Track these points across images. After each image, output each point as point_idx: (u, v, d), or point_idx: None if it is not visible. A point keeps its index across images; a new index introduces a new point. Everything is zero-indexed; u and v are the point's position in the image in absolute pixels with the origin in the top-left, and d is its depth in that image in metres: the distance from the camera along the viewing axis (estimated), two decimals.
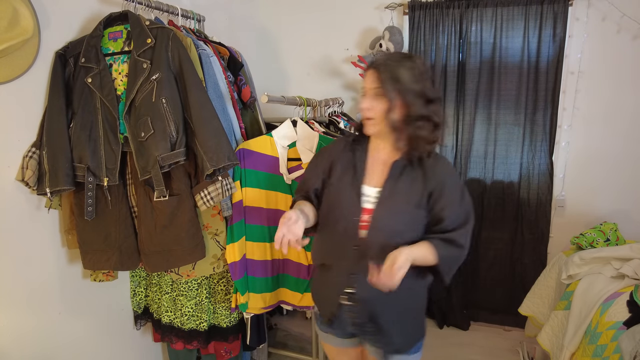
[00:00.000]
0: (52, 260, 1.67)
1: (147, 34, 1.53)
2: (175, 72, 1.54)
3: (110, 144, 1.57)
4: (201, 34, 1.96)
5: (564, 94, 2.40)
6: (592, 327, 1.77)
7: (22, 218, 1.55)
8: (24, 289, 1.56)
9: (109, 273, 1.80)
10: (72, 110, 1.58)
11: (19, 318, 1.56)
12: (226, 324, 1.92)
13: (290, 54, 2.89)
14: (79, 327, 1.79)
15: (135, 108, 1.52)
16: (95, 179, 1.58)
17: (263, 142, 1.76)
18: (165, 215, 1.59)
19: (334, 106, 2.21)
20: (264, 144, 1.75)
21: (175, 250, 1.63)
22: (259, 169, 1.76)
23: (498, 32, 2.40)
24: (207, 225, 1.72)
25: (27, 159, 1.52)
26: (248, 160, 1.74)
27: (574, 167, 2.49)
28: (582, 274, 2.03)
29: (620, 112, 2.36)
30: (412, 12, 2.51)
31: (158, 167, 1.50)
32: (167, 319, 1.92)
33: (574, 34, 2.34)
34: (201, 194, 1.59)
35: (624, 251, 2.02)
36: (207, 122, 1.51)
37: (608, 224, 2.29)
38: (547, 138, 2.44)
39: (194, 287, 1.87)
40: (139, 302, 2.03)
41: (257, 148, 1.75)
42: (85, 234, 1.66)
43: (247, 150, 1.73)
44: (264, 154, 1.75)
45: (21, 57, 1.47)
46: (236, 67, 1.89)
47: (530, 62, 2.39)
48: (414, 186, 1.25)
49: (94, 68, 1.55)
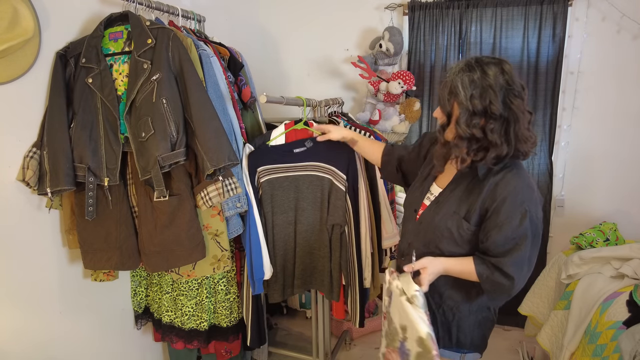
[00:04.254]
0: (52, 260, 1.67)
1: (147, 34, 1.53)
2: (176, 72, 1.54)
3: (110, 144, 1.58)
4: (201, 35, 1.96)
5: (564, 94, 2.41)
6: (592, 326, 1.77)
7: (22, 218, 1.55)
8: (24, 288, 1.57)
9: (109, 273, 1.81)
10: (73, 110, 1.58)
11: (20, 318, 1.56)
12: (226, 323, 1.92)
13: (290, 54, 2.89)
14: (80, 326, 1.79)
15: (136, 108, 1.53)
16: (95, 179, 1.58)
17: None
18: (165, 215, 1.60)
19: (334, 106, 2.21)
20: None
21: (176, 250, 1.63)
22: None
23: (498, 32, 2.40)
24: (207, 226, 1.72)
25: (27, 159, 1.53)
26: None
27: (574, 167, 2.49)
28: (581, 273, 2.03)
29: (620, 112, 2.36)
30: (412, 12, 2.51)
31: (158, 167, 1.50)
32: (168, 319, 1.93)
33: (573, 34, 2.34)
34: (201, 193, 1.59)
35: (623, 251, 2.02)
36: (207, 122, 1.51)
37: (607, 223, 2.29)
38: (546, 138, 2.45)
39: (195, 286, 1.87)
40: (140, 301, 2.03)
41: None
42: (85, 234, 1.66)
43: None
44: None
45: (22, 57, 1.47)
46: (236, 68, 1.89)
47: (530, 62, 2.39)
48: (467, 197, 1.22)
49: (95, 68, 1.56)
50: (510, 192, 1.15)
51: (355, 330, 2.71)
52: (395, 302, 1.25)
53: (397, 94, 2.42)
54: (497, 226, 1.15)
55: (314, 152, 1.80)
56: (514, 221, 1.14)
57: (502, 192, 1.15)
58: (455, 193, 1.26)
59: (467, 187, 1.24)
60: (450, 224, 1.24)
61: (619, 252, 2.02)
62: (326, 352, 2.29)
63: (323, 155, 1.79)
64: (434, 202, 1.31)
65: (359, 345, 2.67)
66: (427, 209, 1.32)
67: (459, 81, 1.12)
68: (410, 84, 2.40)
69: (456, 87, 1.13)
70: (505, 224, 1.14)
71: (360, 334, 2.74)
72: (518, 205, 1.14)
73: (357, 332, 2.72)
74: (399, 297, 1.21)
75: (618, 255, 2.01)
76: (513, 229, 1.14)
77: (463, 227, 1.22)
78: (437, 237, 1.26)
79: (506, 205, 1.14)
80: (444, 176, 1.34)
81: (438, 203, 1.29)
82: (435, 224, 1.27)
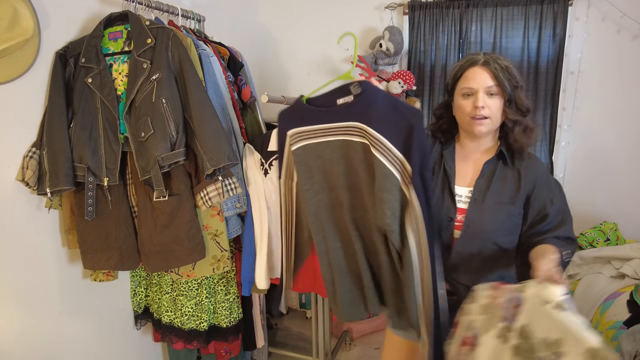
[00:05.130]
0: (52, 260, 1.67)
1: (147, 34, 1.53)
2: (175, 72, 1.54)
3: (110, 144, 1.57)
4: (201, 34, 1.96)
5: (564, 93, 2.40)
6: (592, 326, 1.77)
7: (22, 218, 1.55)
8: (24, 288, 1.57)
9: (109, 273, 1.80)
10: (72, 110, 1.58)
11: (19, 318, 1.56)
12: (226, 324, 1.92)
13: (291, 54, 2.89)
14: (79, 327, 1.79)
15: (136, 108, 1.52)
16: (95, 179, 1.58)
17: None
18: (164, 215, 1.60)
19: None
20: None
21: (175, 250, 1.63)
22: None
23: (498, 32, 2.40)
24: (206, 226, 1.72)
25: (27, 159, 1.52)
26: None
27: (574, 166, 2.49)
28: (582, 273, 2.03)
29: (620, 112, 2.36)
30: (412, 12, 2.51)
31: (158, 167, 1.50)
32: (167, 319, 1.92)
33: (574, 34, 2.34)
34: (201, 193, 1.59)
35: (624, 251, 2.02)
36: (207, 122, 1.51)
37: (608, 223, 2.29)
38: (547, 138, 2.45)
39: (194, 287, 1.87)
40: (139, 301, 2.03)
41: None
42: (85, 234, 1.66)
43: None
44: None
45: (21, 57, 1.47)
46: (236, 67, 1.89)
47: (530, 62, 2.39)
48: (507, 184, 1.25)
49: (94, 68, 1.55)
50: (542, 172, 1.27)
51: (355, 331, 2.70)
52: (532, 315, 1.01)
53: (397, 93, 2.42)
54: (549, 202, 1.24)
55: (359, 107, 1.19)
56: (558, 194, 1.26)
57: (536, 173, 1.25)
58: (493, 185, 1.25)
59: (499, 176, 1.26)
60: (501, 216, 1.24)
61: (619, 252, 2.02)
62: (326, 352, 2.29)
63: (371, 117, 1.16)
64: (472, 201, 1.26)
65: (359, 346, 2.67)
66: (471, 211, 1.25)
67: (507, 63, 1.23)
68: (410, 83, 2.40)
69: (510, 69, 1.22)
70: (554, 198, 1.25)
71: (360, 334, 2.73)
72: (552, 180, 1.29)
73: (357, 332, 2.72)
74: (541, 307, 0.98)
75: (618, 255, 2.01)
76: (561, 201, 1.26)
77: (514, 214, 1.24)
78: (493, 233, 1.25)
79: (546, 183, 1.26)
80: (462, 176, 1.31)
81: (477, 201, 1.25)
82: (487, 220, 1.24)
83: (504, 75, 1.20)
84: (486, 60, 1.22)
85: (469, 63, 1.25)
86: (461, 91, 1.25)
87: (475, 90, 1.21)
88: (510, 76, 1.21)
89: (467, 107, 1.23)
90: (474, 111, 1.22)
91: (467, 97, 1.24)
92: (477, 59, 1.23)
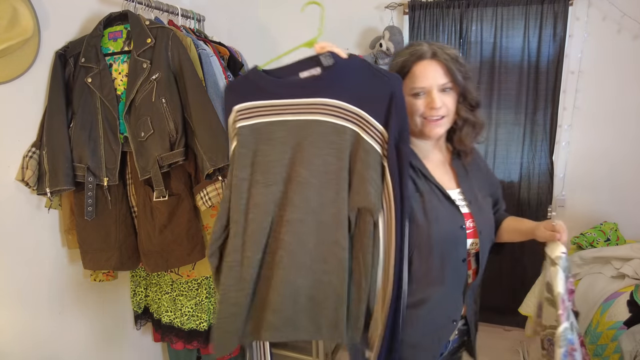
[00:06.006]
0: (52, 260, 1.67)
1: (147, 33, 1.53)
2: (175, 71, 1.54)
3: (110, 144, 1.57)
4: (201, 34, 1.96)
5: (564, 93, 2.40)
6: (593, 326, 1.77)
7: (22, 218, 1.55)
8: (23, 288, 1.57)
9: (109, 273, 1.80)
10: (72, 110, 1.58)
11: (19, 318, 1.56)
12: None
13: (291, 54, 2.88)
14: (79, 327, 1.79)
15: (135, 108, 1.52)
16: (95, 179, 1.58)
17: None
18: (164, 215, 1.59)
19: None
20: None
21: (175, 250, 1.63)
22: None
23: (498, 32, 2.40)
24: (206, 226, 1.72)
25: (27, 158, 1.52)
26: None
27: (574, 166, 2.48)
28: (582, 273, 2.03)
29: (620, 112, 2.36)
30: (412, 11, 2.50)
31: (157, 167, 1.50)
32: (167, 319, 1.92)
33: (574, 34, 2.33)
34: (201, 193, 1.59)
35: (624, 251, 2.02)
36: (206, 122, 1.51)
37: (608, 223, 2.29)
38: (547, 138, 2.44)
39: (194, 287, 1.87)
40: (139, 302, 2.03)
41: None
42: (85, 234, 1.66)
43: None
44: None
45: (21, 57, 1.47)
46: (236, 67, 1.89)
47: (531, 61, 2.38)
48: (481, 180, 1.21)
49: (94, 68, 1.55)
50: (482, 157, 1.32)
51: None
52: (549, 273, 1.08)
53: None
54: (498, 186, 1.32)
55: (330, 81, 1.03)
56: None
57: (483, 161, 1.30)
58: (473, 183, 1.17)
59: (473, 171, 1.20)
60: (491, 210, 1.20)
61: (619, 252, 2.02)
62: (326, 352, 2.29)
63: (346, 91, 1.01)
64: (471, 202, 1.12)
65: None
66: (477, 213, 1.12)
67: (454, 51, 1.11)
68: None
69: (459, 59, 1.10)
70: (496, 179, 1.33)
71: None
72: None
73: None
74: (547, 264, 1.08)
75: (619, 255, 2.01)
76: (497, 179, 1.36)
77: (491, 203, 1.22)
78: (493, 230, 1.19)
79: (488, 167, 1.32)
80: (441, 180, 1.12)
81: (473, 201, 1.13)
82: (488, 219, 1.16)
83: (455, 66, 1.05)
84: (434, 52, 1.05)
85: (415, 57, 1.06)
86: (411, 91, 1.06)
87: (428, 90, 1.05)
88: (461, 66, 1.06)
89: (420, 108, 1.06)
90: (429, 112, 1.05)
91: (418, 97, 1.06)
92: (424, 51, 1.06)
